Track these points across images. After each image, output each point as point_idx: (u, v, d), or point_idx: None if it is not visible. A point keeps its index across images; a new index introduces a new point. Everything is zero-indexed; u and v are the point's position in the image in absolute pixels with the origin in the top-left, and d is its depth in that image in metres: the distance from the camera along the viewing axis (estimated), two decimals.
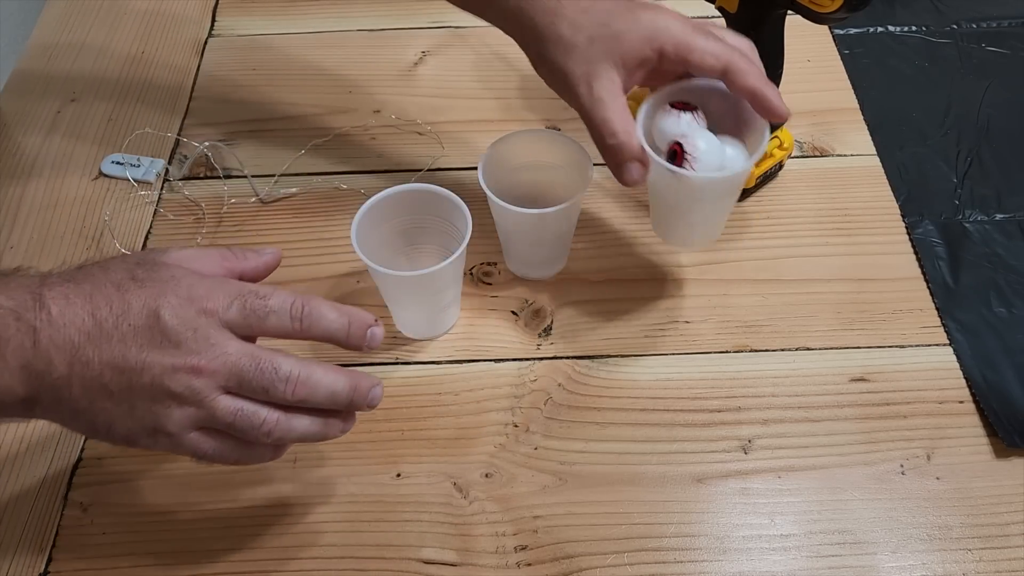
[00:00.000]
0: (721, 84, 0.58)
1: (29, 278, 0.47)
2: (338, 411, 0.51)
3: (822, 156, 0.79)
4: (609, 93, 0.56)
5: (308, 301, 0.49)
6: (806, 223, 0.74)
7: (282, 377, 0.47)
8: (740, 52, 0.57)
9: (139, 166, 0.78)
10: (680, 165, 0.57)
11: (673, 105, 0.59)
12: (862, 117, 0.81)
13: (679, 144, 0.57)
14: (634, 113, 0.58)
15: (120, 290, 0.46)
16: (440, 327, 0.67)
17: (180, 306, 0.46)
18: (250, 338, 0.49)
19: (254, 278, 0.53)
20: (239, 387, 0.47)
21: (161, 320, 0.46)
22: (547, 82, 0.60)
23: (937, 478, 0.60)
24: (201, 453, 0.48)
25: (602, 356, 0.66)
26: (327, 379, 0.49)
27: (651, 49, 0.56)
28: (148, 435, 0.47)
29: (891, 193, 0.76)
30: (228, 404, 0.47)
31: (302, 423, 0.49)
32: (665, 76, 0.59)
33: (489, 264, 0.71)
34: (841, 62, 0.86)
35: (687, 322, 0.68)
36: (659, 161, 0.57)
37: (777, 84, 0.70)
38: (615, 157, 0.57)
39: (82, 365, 0.45)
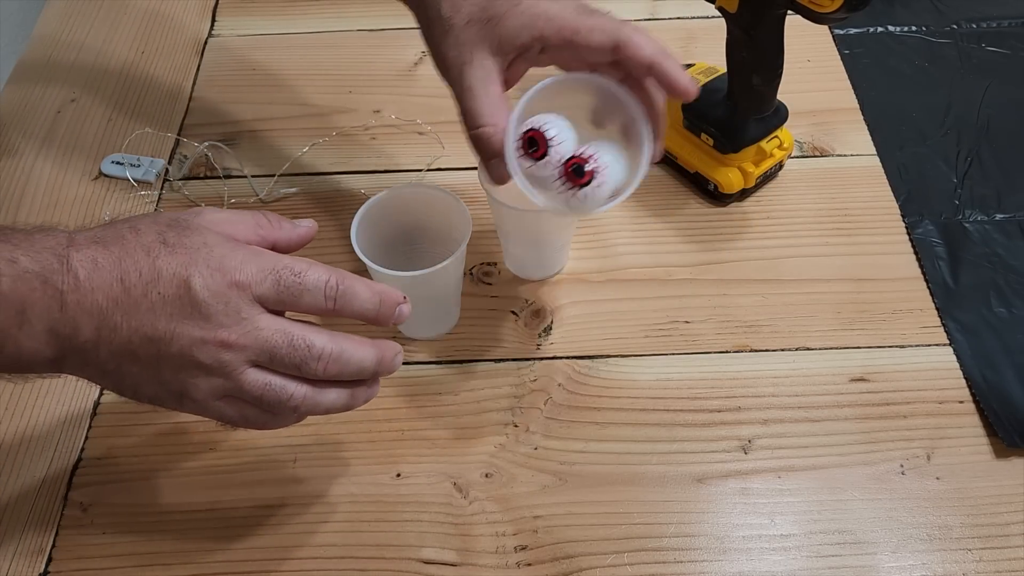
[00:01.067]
0: (597, 79, 0.53)
1: (55, 237, 0.45)
2: (363, 380, 0.50)
3: (822, 156, 0.79)
4: (480, 81, 0.53)
5: (342, 280, 0.48)
6: (806, 223, 0.74)
7: (315, 355, 0.47)
8: (632, 25, 0.53)
9: (139, 166, 0.78)
10: (587, 183, 0.51)
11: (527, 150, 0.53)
12: (862, 117, 0.81)
13: (580, 158, 0.51)
14: None
15: (150, 255, 0.45)
16: (440, 327, 0.67)
17: (212, 277, 0.45)
18: (280, 311, 0.48)
19: (287, 249, 0.51)
20: (270, 362, 0.46)
21: (192, 290, 0.45)
22: (434, 64, 0.57)
23: (937, 478, 0.60)
24: (226, 419, 0.48)
25: (602, 356, 0.66)
26: (358, 354, 0.48)
27: (529, 36, 0.53)
28: (175, 399, 0.47)
29: (891, 193, 0.76)
30: (256, 378, 0.46)
31: (329, 396, 0.49)
32: (559, 65, 0.56)
33: (489, 264, 0.71)
34: (841, 62, 0.86)
35: (687, 322, 0.68)
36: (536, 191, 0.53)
37: (777, 84, 0.70)
38: (480, 151, 0.54)
39: (110, 330, 0.44)
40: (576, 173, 0.51)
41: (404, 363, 0.65)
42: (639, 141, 0.53)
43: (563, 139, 0.52)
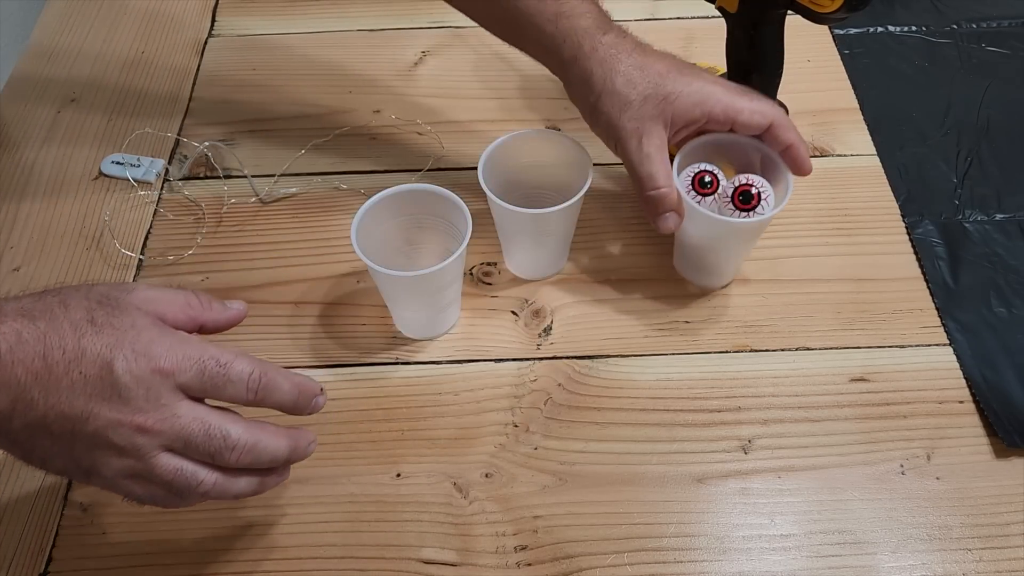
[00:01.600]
0: (737, 137, 0.64)
1: None
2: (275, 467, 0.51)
3: (822, 156, 0.79)
4: (657, 149, 0.61)
5: (265, 372, 0.49)
6: (806, 223, 0.74)
7: (230, 446, 0.47)
8: (781, 111, 0.63)
9: (139, 166, 0.78)
10: (757, 205, 0.61)
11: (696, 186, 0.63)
12: (862, 117, 0.81)
13: (749, 185, 0.62)
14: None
15: (76, 332, 0.45)
16: (440, 327, 0.67)
17: (136, 361, 0.45)
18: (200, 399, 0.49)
19: (215, 330, 0.52)
20: (184, 449, 0.47)
21: (114, 373, 0.45)
22: (594, 129, 0.65)
23: (937, 478, 0.60)
24: (133, 497, 0.48)
25: (602, 356, 0.66)
26: (272, 444, 0.49)
27: (700, 112, 0.62)
28: (83, 474, 0.47)
29: (891, 193, 0.76)
30: (168, 463, 0.47)
31: (239, 484, 0.49)
32: (701, 132, 0.64)
33: (489, 264, 0.71)
34: (841, 62, 0.86)
35: (687, 322, 0.68)
36: (711, 214, 0.62)
37: (777, 84, 0.70)
38: (657, 208, 0.62)
39: (25, 405, 0.44)
40: (744, 199, 0.62)
41: (404, 363, 0.66)
42: (779, 171, 0.64)
43: (722, 177, 0.64)
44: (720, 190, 0.63)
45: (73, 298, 0.47)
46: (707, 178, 0.63)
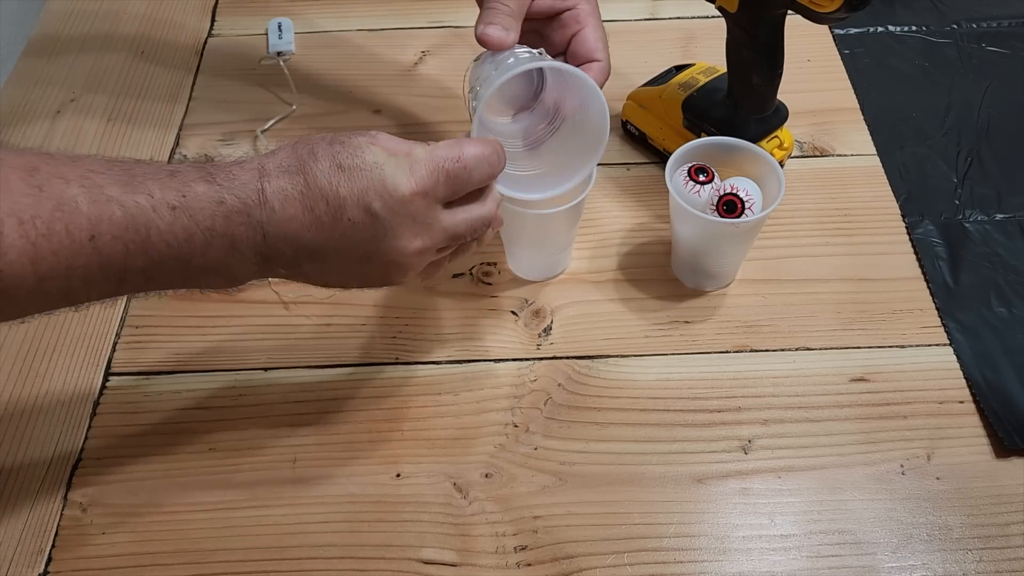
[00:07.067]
0: (734, 142, 0.66)
1: (249, 171, 0.49)
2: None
3: (822, 156, 0.79)
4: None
5: (487, 145, 0.53)
6: (806, 223, 0.74)
7: (487, 224, 0.54)
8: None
9: None
10: (741, 214, 0.62)
11: (692, 176, 0.65)
12: (862, 117, 0.81)
13: (735, 195, 0.63)
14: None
15: (332, 182, 0.48)
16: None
17: (390, 195, 0.49)
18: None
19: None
20: (455, 242, 0.53)
21: (376, 214, 0.49)
22: None
23: (937, 478, 0.60)
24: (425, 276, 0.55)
25: (602, 356, 0.66)
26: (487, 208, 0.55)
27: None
28: (380, 283, 0.53)
29: (891, 193, 0.76)
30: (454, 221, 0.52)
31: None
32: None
33: (489, 264, 0.71)
34: (841, 62, 0.86)
35: (687, 322, 0.68)
36: (713, 219, 0.63)
37: (777, 84, 0.70)
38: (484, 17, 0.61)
39: (308, 252, 0.49)
40: (728, 208, 0.63)
41: (404, 363, 0.66)
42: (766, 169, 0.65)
43: (716, 176, 0.65)
44: (712, 187, 0.64)
45: (319, 147, 0.50)
46: (702, 170, 0.65)
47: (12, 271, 0.42)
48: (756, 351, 0.66)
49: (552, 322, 0.68)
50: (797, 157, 0.78)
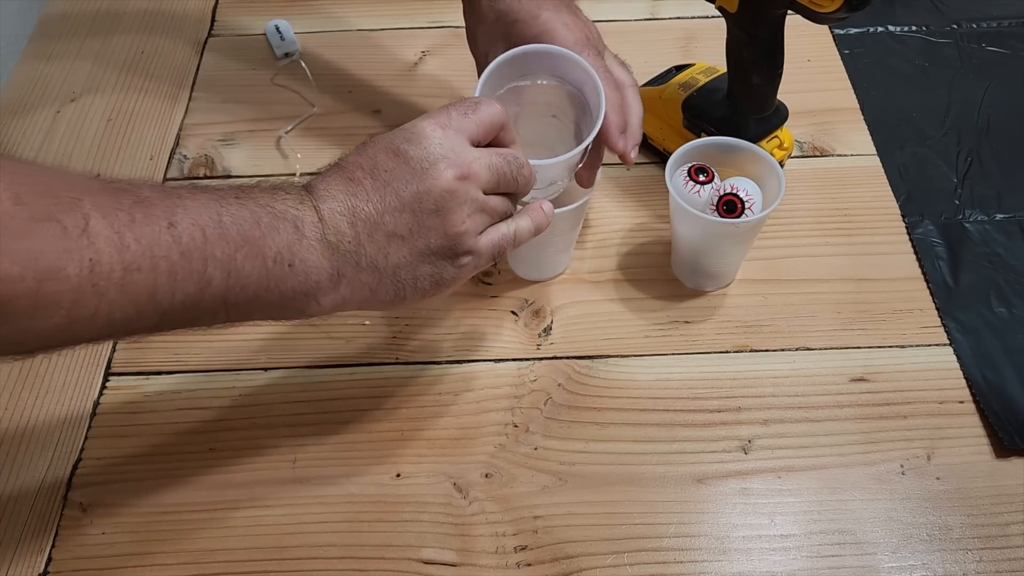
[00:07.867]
0: (733, 141, 0.66)
1: (295, 184, 0.52)
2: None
3: (822, 156, 0.79)
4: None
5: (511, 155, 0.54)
6: (806, 223, 0.74)
7: (519, 164, 0.54)
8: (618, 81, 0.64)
9: None
10: (741, 214, 0.63)
11: (692, 177, 0.65)
12: (862, 117, 0.81)
13: (735, 195, 0.63)
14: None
15: (364, 152, 0.52)
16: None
17: (411, 131, 0.51)
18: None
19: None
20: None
21: (401, 152, 0.51)
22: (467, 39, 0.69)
23: (937, 478, 0.60)
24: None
25: (602, 356, 0.66)
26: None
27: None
28: (446, 240, 0.52)
29: (891, 193, 0.76)
30: (491, 239, 0.54)
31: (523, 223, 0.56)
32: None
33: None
34: (841, 62, 0.86)
35: (687, 322, 0.68)
36: (714, 219, 0.63)
37: (777, 84, 0.70)
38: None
39: (364, 221, 0.50)
40: (728, 208, 0.63)
41: (404, 363, 0.66)
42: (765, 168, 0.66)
43: (715, 177, 0.66)
44: (712, 187, 0.64)
45: (380, 139, 0.53)
46: (702, 170, 0.65)
47: (100, 259, 0.42)
48: (756, 351, 0.66)
49: (552, 322, 0.68)
50: (797, 157, 0.78)
